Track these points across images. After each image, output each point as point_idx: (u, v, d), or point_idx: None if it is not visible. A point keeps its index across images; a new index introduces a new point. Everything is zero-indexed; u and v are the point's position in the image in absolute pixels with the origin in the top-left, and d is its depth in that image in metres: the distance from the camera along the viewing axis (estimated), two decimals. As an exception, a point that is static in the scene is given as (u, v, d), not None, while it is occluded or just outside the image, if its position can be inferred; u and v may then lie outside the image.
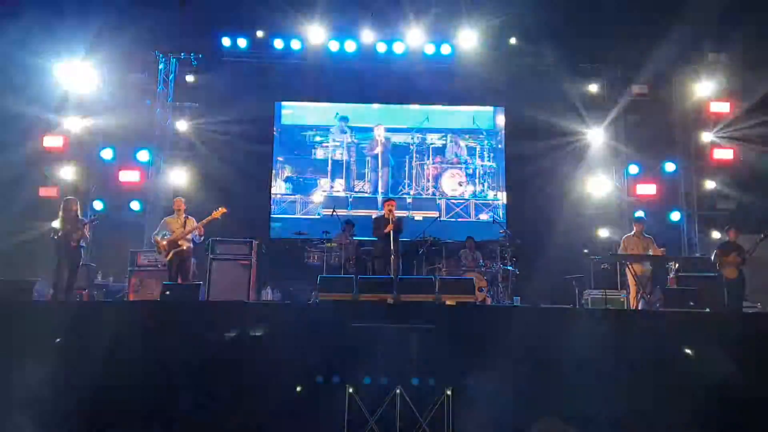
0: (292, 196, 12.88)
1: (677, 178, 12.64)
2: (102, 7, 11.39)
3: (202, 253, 9.90)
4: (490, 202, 12.94)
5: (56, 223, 8.39)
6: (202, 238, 8.94)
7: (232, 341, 6.54)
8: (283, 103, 13.17)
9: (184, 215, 8.83)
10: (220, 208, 8.83)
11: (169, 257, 8.58)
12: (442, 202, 12.90)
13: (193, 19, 11.51)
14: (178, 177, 12.48)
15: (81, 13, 11.68)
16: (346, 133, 13.03)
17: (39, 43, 11.77)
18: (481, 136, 13.14)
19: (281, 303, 10.04)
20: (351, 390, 5.97)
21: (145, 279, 9.83)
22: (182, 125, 12.76)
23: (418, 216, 12.63)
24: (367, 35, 12.46)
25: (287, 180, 12.94)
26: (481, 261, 10.71)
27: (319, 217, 12.59)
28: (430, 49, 12.58)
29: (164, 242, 8.62)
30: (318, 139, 13.06)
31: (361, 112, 13.17)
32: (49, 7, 11.50)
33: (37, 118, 11.71)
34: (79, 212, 8.61)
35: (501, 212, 12.80)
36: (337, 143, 13.01)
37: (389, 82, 12.99)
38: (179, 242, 8.62)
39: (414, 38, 12.44)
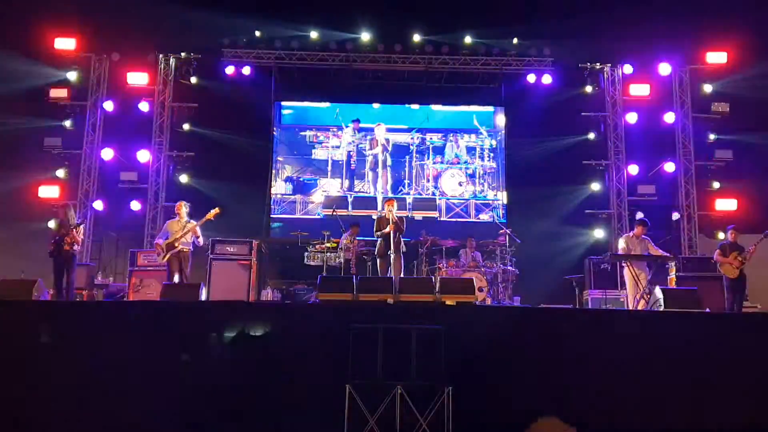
0: (292, 196, 12.85)
1: (677, 178, 12.63)
2: (102, 7, 11.42)
3: (202, 253, 9.90)
4: (490, 202, 12.91)
5: (52, 226, 8.41)
6: (201, 241, 8.94)
7: (231, 341, 6.53)
8: (283, 103, 13.16)
9: (185, 219, 8.85)
10: (214, 209, 8.85)
11: (166, 258, 8.60)
12: (442, 202, 12.87)
13: (193, 19, 11.50)
14: (178, 177, 12.47)
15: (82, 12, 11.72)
16: (358, 133, 12.97)
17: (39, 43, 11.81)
18: (481, 136, 13.12)
19: (281, 303, 10.03)
20: (351, 390, 5.97)
21: (145, 279, 9.86)
22: (182, 125, 12.73)
23: (418, 216, 12.60)
24: (367, 35, 12.48)
25: (287, 180, 12.91)
26: (481, 261, 10.70)
27: (319, 217, 12.58)
28: (430, 49, 12.57)
29: (162, 244, 8.66)
30: (320, 137, 13.01)
31: (361, 112, 13.15)
32: (51, 6, 11.55)
33: (36, 117, 11.74)
34: (73, 217, 8.62)
35: (501, 212, 12.78)
36: (338, 143, 12.99)
37: (389, 82, 12.99)
38: (176, 244, 8.64)
39: (414, 38, 12.47)
